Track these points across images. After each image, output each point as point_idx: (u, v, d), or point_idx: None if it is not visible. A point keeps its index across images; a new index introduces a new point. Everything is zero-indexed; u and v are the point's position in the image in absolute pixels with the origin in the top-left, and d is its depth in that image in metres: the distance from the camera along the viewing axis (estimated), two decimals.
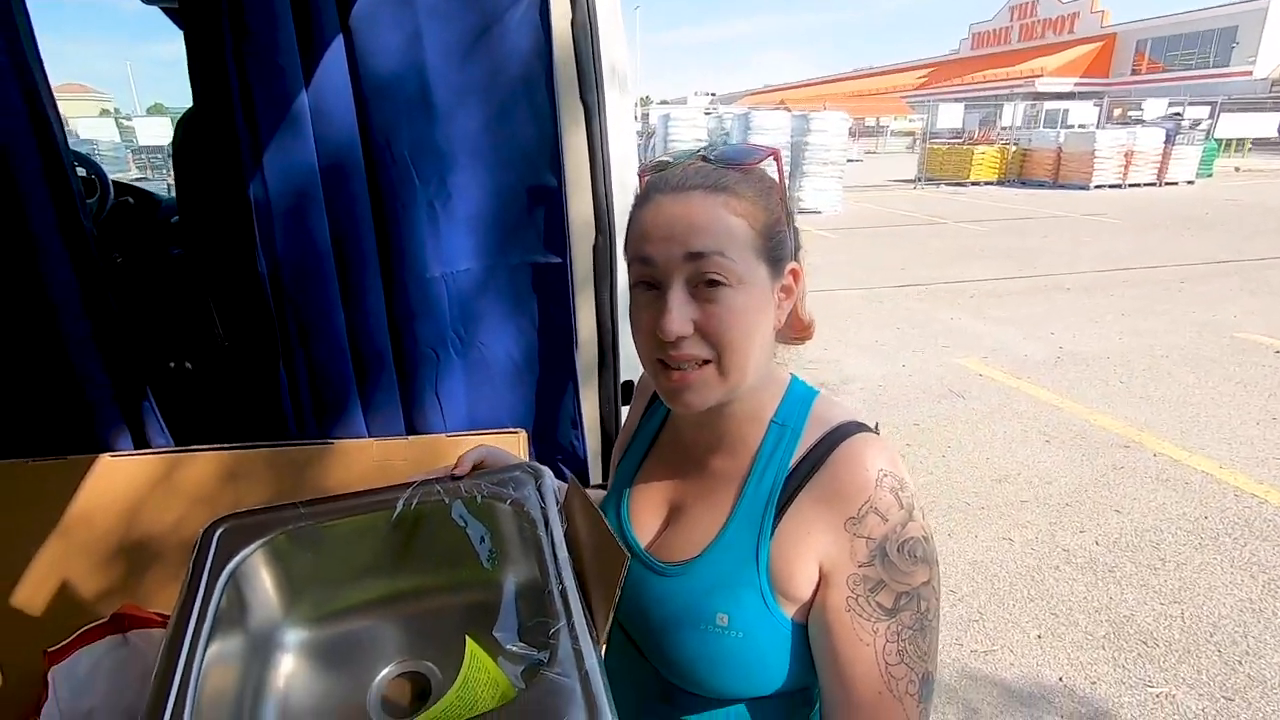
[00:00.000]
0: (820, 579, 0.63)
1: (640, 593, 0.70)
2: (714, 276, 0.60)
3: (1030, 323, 5.40)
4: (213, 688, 0.62)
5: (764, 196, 0.64)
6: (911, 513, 0.62)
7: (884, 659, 0.59)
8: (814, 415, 0.69)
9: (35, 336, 1.17)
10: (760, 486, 0.67)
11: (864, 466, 0.63)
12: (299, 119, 1.13)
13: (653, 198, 0.64)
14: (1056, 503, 2.91)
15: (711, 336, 0.62)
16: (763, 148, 0.66)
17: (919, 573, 0.61)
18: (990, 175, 16.18)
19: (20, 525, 1.19)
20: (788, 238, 0.66)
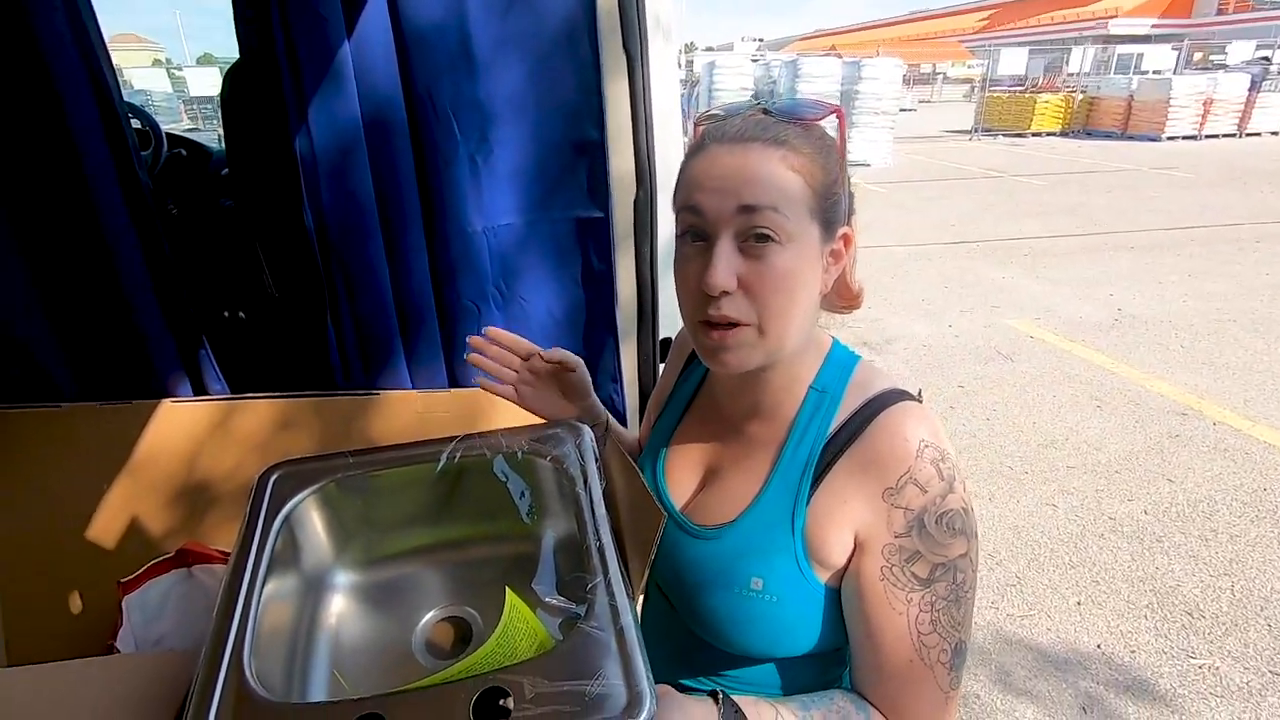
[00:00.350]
0: (855, 547, 0.63)
1: (674, 554, 0.70)
2: (764, 231, 0.59)
3: (1087, 283, 5.17)
4: (269, 622, 0.66)
5: (823, 154, 0.62)
6: (952, 484, 0.61)
7: (916, 628, 0.59)
8: (854, 382, 0.68)
9: (99, 288, 1.21)
10: (798, 453, 0.66)
11: (904, 437, 0.62)
12: (342, 72, 1.13)
13: (708, 147, 0.62)
14: (1105, 470, 2.83)
15: (755, 295, 0.60)
16: (826, 104, 0.63)
17: (956, 545, 0.60)
18: (1053, 126, 15.30)
19: (92, 465, 1.26)
20: (843, 200, 0.64)
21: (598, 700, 0.53)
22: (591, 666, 0.55)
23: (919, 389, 0.70)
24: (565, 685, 0.54)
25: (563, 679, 0.54)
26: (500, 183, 1.27)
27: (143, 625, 1.21)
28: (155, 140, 2.01)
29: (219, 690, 0.56)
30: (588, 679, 0.54)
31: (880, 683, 0.62)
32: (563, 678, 0.54)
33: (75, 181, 1.14)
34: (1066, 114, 15.36)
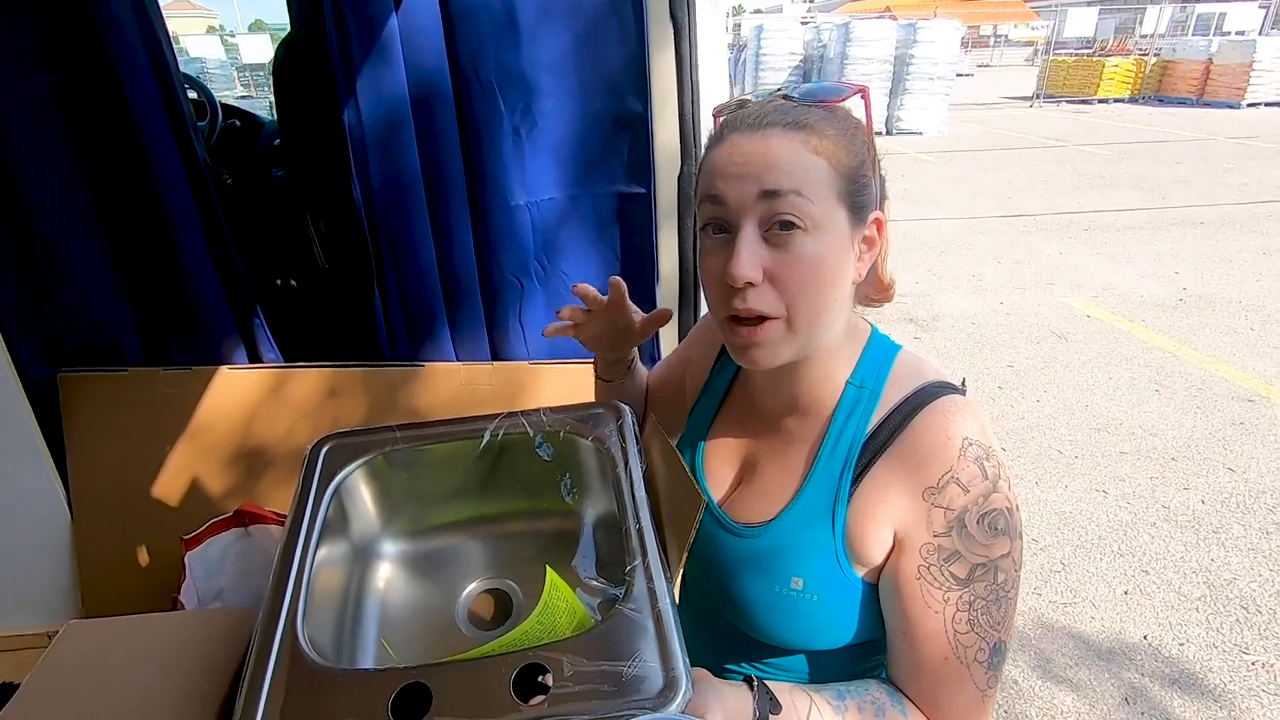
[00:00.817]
0: (894, 545, 0.62)
1: (713, 549, 0.70)
2: (788, 218, 0.57)
3: (1152, 260, 4.93)
4: (321, 588, 0.69)
5: (848, 136, 0.59)
6: (996, 484, 0.59)
7: (953, 627, 0.58)
8: (895, 375, 0.66)
9: (160, 258, 1.26)
10: (836, 451, 0.65)
11: (946, 435, 0.60)
12: (389, 44, 1.13)
13: (727, 137, 0.60)
14: (1161, 456, 2.73)
15: (782, 286, 0.58)
16: (850, 84, 0.61)
17: (998, 545, 0.58)
18: (1121, 91, 14.46)
19: (155, 426, 1.33)
20: (872, 183, 0.61)
21: (634, 681, 0.54)
22: (629, 648, 0.56)
23: (963, 379, 0.67)
24: (603, 665, 0.55)
25: (601, 659, 0.55)
26: (543, 156, 1.27)
27: (204, 579, 1.28)
28: (210, 111, 2.06)
29: (274, 653, 0.58)
30: (625, 660, 0.55)
31: (917, 679, 0.61)
32: (601, 658, 0.55)
33: (136, 155, 1.17)
34: (1137, 79, 14.49)
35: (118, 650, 0.70)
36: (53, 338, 1.28)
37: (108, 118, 1.15)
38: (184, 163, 1.22)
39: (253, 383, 1.34)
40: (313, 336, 1.67)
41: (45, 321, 1.26)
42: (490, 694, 0.54)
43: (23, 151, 1.14)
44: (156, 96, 1.16)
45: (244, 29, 28.47)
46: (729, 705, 0.57)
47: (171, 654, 0.70)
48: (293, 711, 0.54)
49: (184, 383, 1.31)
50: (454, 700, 0.53)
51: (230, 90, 14.87)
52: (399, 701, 0.54)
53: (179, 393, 1.32)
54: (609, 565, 0.74)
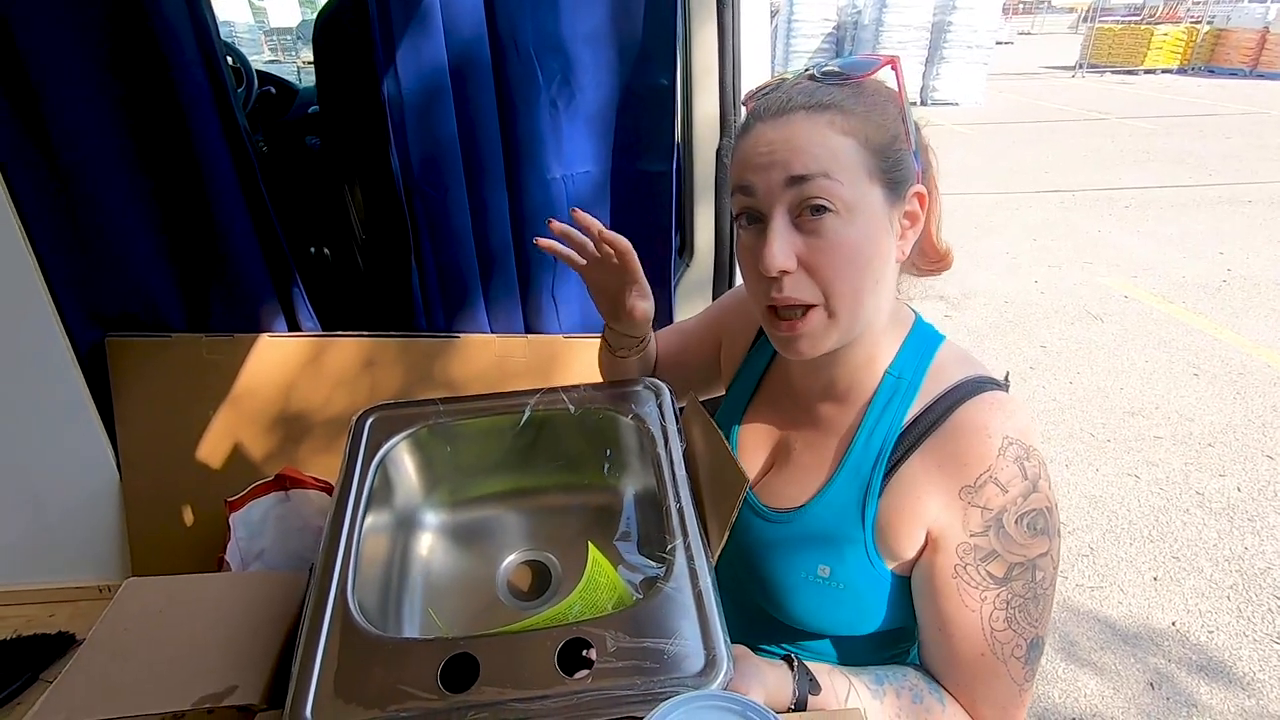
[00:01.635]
0: (927, 543, 0.61)
1: (745, 533, 0.71)
2: (818, 201, 0.56)
3: (1195, 239, 4.77)
4: (368, 555, 0.71)
5: (878, 111, 0.58)
6: (1036, 483, 0.58)
7: (990, 624, 0.58)
8: (935, 367, 0.65)
9: (201, 226, 1.27)
10: (870, 442, 0.64)
11: (985, 433, 0.59)
12: (429, 12, 1.12)
13: (753, 126, 0.59)
14: (1197, 442, 2.67)
15: (817, 273, 0.58)
16: (878, 56, 0.59)
17: (1037, 545, 0.58)
18: (1170, 61, 13.87)
19: (198, 391, 1.36)
20: (908, 156, 0.59)
21: (676, 659, 0.55)
22: (670, 626, 0.57)
23: (1006, 374, 0.66)
24: (645, 642, 0.56)
25: (643, 636, 0.56)
26: (579, 129, 1.26)
27: (246, 540, 1.32)
28: (246, 78, 2.06)
29: (327, 620, 0.60)
30: (667, 638, 0.56)
31: (952, 672, 0.62)
32: (643, 635, 0.56)
33: (178, 123, 1.18)
34: (1187, 48, 13.88)
35: (174, 607, 0.73)
36: (100, 304, 1.30)
37: (151, 85, 1.15)
38: (224, 130, 1.23)
39: (292, 350, 1.37)
40: (347, 305, 1.69)
41: (93, 288, 1.29)
42: (535, 666, 0.55)
43: (71, 122, 1.15)
44: (199, 64, 1.16)
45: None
46: (769, 683, 0.58)
47: (225, 613, 0.72)
48: (346, 677, 0.56)
49: (226, 349, 1.34)
50: (500, 671, 0.55)
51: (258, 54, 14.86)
52: (446, 671, 0.55)
53: (221, 359, 1.34)
54: (649, 543, 0.75)
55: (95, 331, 1.31)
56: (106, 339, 1.31)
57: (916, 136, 0.60)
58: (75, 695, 0.63)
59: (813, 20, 10.85)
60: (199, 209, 1.26)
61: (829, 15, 10.98)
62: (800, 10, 10.88)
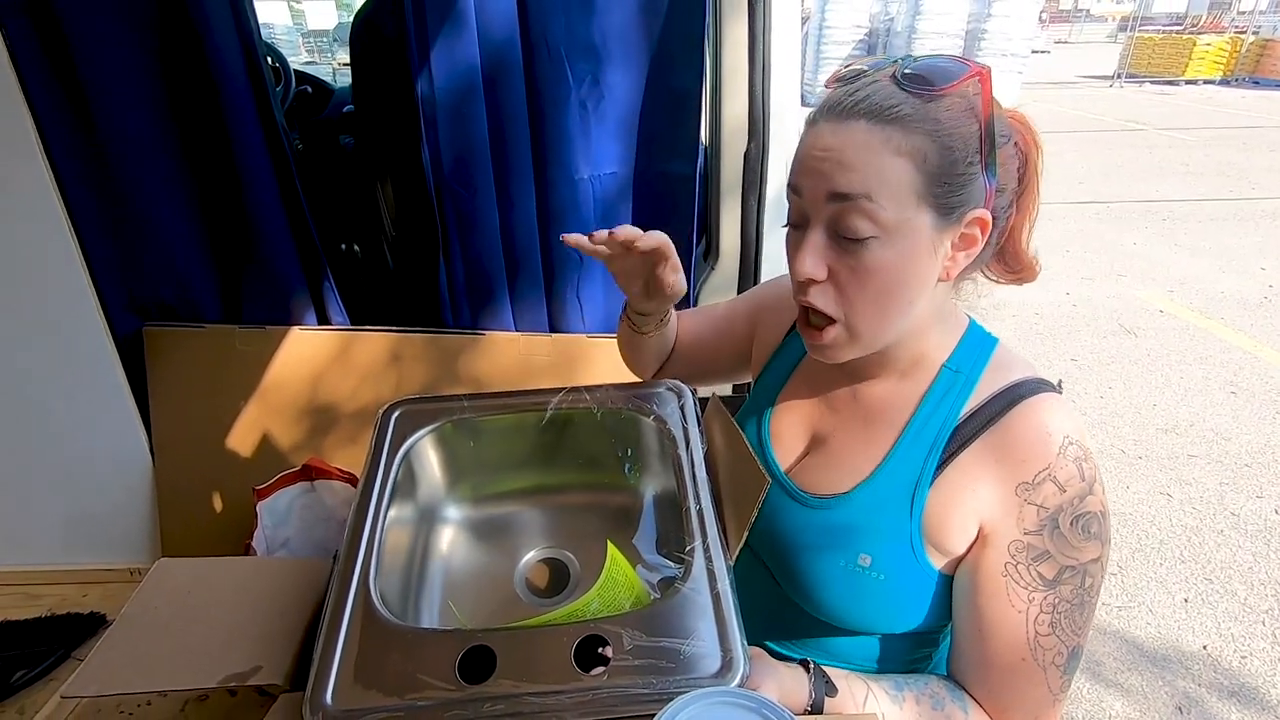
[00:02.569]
0: (978, 537, 0.60)
1: (776, 517, 0.69)
2: (855, 224, 0.55)
3: (1235, 254, 4.64)
4: (391, 546, 0.72)
5: (947, 131, 0.54)
6: (1092, 486, 0.57)
7: (1034, 627, 0.57)
8: (992, 365, 0.64)
9: (238, 219, 1.31)
10: (924, 432, 0.63)
11: (1046, 430, 0.58)
12: (463, 14, 1.14)
13: (817, 122, 0.58)
14: (1233, 462, 2.60)
15: (842, 291, 0.58)
16: (967, 65, 0.56)
17: (1089, 549, 0.57)
18: (1213, 72, 13.50)
19: (230, 381, 1.39)
20: (976, 179, 0.56)
21: (692, 659, 0.55)
22: (688, 626, 0.57)
23: (1059, 380, 0.65)
24: (662, 641, 0.56)
25: (660, 635, 0.56)
26: (607, 130, 1.27)
27: (272, 528, 1.35)
28: (284, 78, 2.11)
29: (349, 608, 0.61)
30: (684, 638, 0.56)
31: (986, 676, 0.60)
32: (660, 634, 0.57)
33: (220, 120, 1.21)
34: (1231, 59, 13.51)
35: (202, 588, 0.75)
36: (138, 293, 1.34)
37: (195, 83, 1.19)
38: (263, 128, 1.26)
39: (321, 344, 1.39)
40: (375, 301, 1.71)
41: (132, 277, 1.33)
42: (552, 661, 0.55)
43: (118, 116, 1.19)
44: (241, 63, 1.19)
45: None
46: (785, 684, 0.58)
47: (250, 595, 0.74)
48: (366, 663, 0.57)
49: (258, 341, 1.37)
50: (517, 664, 0.55)
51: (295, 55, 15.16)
52: (464, 662, 0.56)
53: (253, 350, 1.37)
54: (668, 544, 0.75)
55: (133, 320, 1.35)
56: (144, 328, 1.35)
57: (993, 154, 0.56)
58: (107, 669, 0.65)
59: (844, 27, 10.78)
60: (236, 203, 1.29)
61: (861, 22, 10.90)
62: (832, 16, 10.82)
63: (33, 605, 1.36)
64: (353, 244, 2.04)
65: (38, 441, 1.37)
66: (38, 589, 1.42)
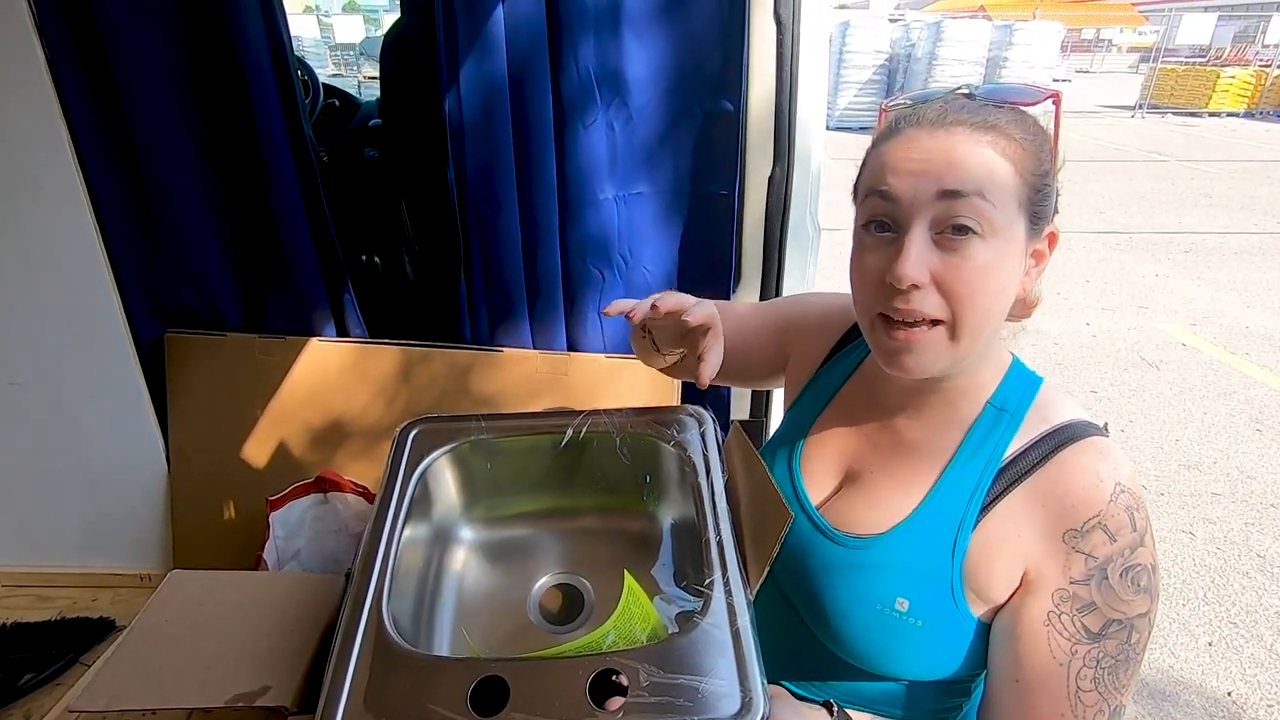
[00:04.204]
0: (1021, 584, 0.58)
1: (808, 555, 0.67)
2: (966, 221, 0.53)
3: (1260, 288, 4.57)
4: (405, 563, 0.71)
5: (1036, 143, 0.56)
6: (1143, 537, 0.55)
7: (1076, 681, 0.55)
8: (1038, 404, 0.62)
9: (263, 230, 1.32)
10: (967, 472, 0.61)
11: (1098, 476, 0.56)
12: (494, 34, 1.15)
13: (903, 131, 0.57)
14: (1258, 501, 2.54)
15: (949, 292, 0.55)
16: (1042, 88, 0.59)
17: (1138, 603, 0.55)
18: (1237, 105, 13.41)
19: (249, 390, 1.39)
20: (1053, 193, 0.58)
21: (711, 698, 0.53)
22: (707, 663, 0.56)
23: (1104, 423, 0.64)
24: (680, 679, 0.54)
25: (677, 672, 0.55)
26: (634, 151, 1.27)
27: (284, 539, 1.35)
28: (313, 91, 2.14)
29: (361, 631, 0.60)
30: (702, 676, 0.55)
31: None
32: (677, 670, 0.55)
33: (250, 132, 1.23)
34: (1256, 92, 13.43)
35: (215, 602, 0.75)
36: (163, 299, 1.35)
37: (227, 94, 1.20)
38: (291, 140, 1.27)
39: (339, 355, 1.40)
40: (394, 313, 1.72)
41: (158, 283, 1.34)
42: (566, 695, 0.54)
43: (150, 124, 1.21)
44: (272, 76, 1.21)
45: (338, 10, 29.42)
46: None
47: (262, 611, 0.73)
48: (377, 690, 0.56)
49: (277, 350, 1.38)
50: (530, 697, 0.54)
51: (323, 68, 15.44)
52: (476, 693, 0.55)
53: (272, 360, 1.38)
54: (686, 575, 0.73)
55: (156, 326, 1.36)
56: (166, 335, 1.36)
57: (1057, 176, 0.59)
58: (115, 682, 0.64)
59: (865, 51, 10.84)
60: (262, 213, 1.30)
61: (882, 47, 10.95)
62: (853, 41, 10.88)
63: (44, 607, 1.37)
64: (373, 255, 2.06)
65: (56, 442, 1.38)
66: (49, 591, 1.42)
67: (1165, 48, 14.90)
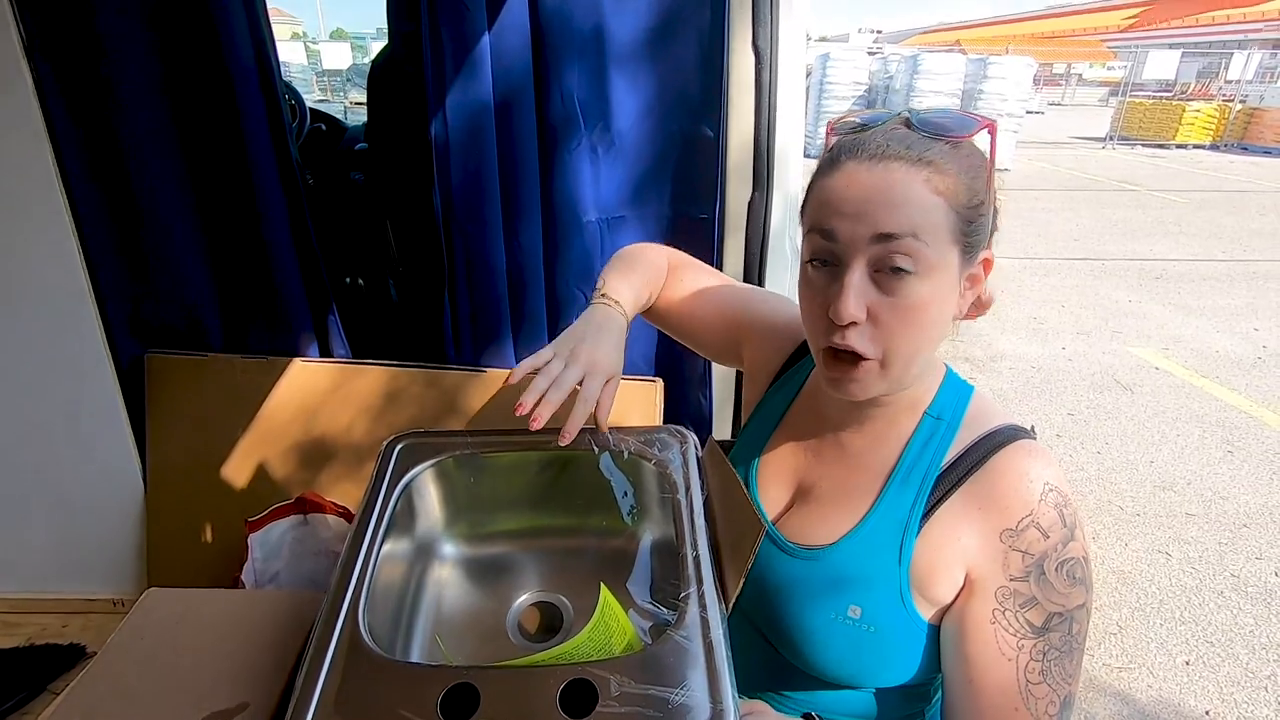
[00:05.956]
0: (965, 585, 0.60)
1: (765, 570, 0.69)
2: (901, 263, 0.56)
3: (1229, 314, 4.70)
4: (383, 580, 0.71)
5: (970, 174, 0.58)
6: (1074, 532, 0.58)
7: (1025, 676, 0.57)
8: (971, 412, 0.65)
9: (249, 251, 1.32)
10: (909, 480, 0.64)
11: (1028, 477, 0.59)
12: (480, 61, 1.17)
13: (843, 164, 0.58)
14: (1231, 522, 2.58)
15: (883, 328, 0.58)
16: (978, 117, 0.59)
17: (1075, 594, 0.57)
18: (1202, 137, 13.88)
19: (230, 411, 1.39)
20: (988, 221, 0.60)
21: (681, 709, 0.53)
22: (678, 675, 0.56)
23: (1031, 426, 0.66)
24: (651, 689, 0.55)
25: (649, 683, 0.55)
26: (617, 175, 1.30)
27: (262, 560, 1.33)
28: (300, 115, 2.16)
29: (335, 638, 0.60)
30: (673, 687, 0.55)
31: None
32: (649, 681, 0.55)
33: (238, 153, 1.24)
34: (1220, 125, 13.91)
35: (193, 620, 0.74)
36: (143, 317, 1.35)
37: (214, 115, 1.22)
38: (278, 162, 1.28)
39: (322, 376, 1.40)
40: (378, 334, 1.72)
41: (139, 301, 1.33)
42: (537, 703, 0.54)
43: (139, 142, 1.22)
44: (260, 101, 1.23)
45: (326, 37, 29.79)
46: None
47: (242, 628, 0.73)
48: (347, 695, 0.55)
49: (259, 371, 1.37)
50: (501, 705, 0.54)
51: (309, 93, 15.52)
52: (447, 700, 0.55)
53: (254, 380, 1.37)
54: (662, 589, 0.74)
55: (136, 344, 1.35)
56: (147, 355, 1.35)
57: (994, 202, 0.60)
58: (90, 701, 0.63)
59: (845, 83, 11.11)
60: (248, 233, 1.31)
61: (861, 79, 11.24)
62: (833, 73, 11.15)
63: (11, 635, 1.34)
64: (357, 277, 2.06)
65: (31, 463, 1.36)
66: (18, 618, 1.39)
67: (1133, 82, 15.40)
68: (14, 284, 1.24)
